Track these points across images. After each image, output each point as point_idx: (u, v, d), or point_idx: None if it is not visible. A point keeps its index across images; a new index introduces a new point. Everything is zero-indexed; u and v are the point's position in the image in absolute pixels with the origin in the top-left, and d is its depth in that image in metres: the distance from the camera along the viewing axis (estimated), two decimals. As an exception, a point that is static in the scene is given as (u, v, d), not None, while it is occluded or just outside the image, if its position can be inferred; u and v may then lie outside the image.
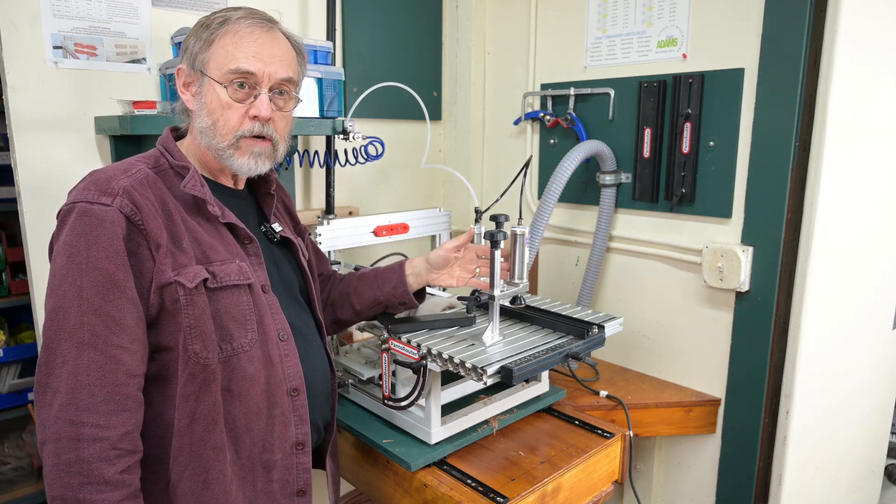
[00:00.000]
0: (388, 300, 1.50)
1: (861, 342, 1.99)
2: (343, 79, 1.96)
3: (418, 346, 1.41)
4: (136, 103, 1.63)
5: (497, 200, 1.50)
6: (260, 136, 1.18)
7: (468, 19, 2.48)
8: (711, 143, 1.85)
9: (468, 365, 1.31)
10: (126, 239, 1.04)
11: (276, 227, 1.34)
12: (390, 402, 1.51)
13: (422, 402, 1.45)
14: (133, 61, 1.82)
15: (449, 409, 1.53)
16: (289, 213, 1.46)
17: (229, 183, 1.27)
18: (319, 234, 1.78)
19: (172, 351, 1.09)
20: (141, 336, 1.05)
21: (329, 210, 2.20)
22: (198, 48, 1.16)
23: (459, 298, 1.67)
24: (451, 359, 1.34)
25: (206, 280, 1.10)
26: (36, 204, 1.71)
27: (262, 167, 1.21)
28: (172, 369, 1.09)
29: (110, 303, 1.02)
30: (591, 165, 2.16)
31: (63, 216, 1.07)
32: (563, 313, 1.61)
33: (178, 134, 1.27)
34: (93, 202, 1.05)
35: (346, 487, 2.30)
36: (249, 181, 1.33)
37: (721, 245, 1.83)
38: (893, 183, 1.91)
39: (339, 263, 1.89)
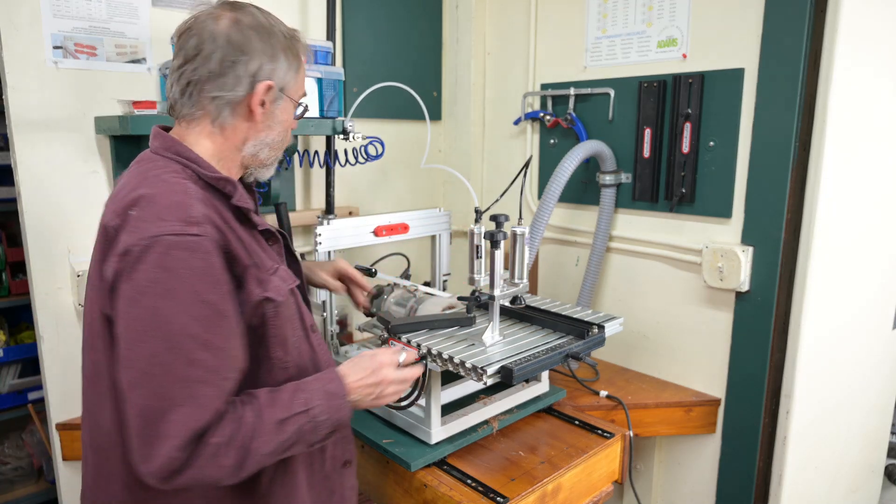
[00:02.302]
0: None
1: (861, 342, 1.99)
2: (343, 79, 1.96)
3: (418, 346, 1.41)
4: (136, 103, 1.63)
5: (497, 200, 1.50)
6: None
7: (468, 19, 2.48)
8: (711, 143, 1.85)
9: (468, 365, 1.31)
10: (222, 268, 1.02)
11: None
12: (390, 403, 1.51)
13: (422, 402, 1.45)
14: (133, 61, 1.82)
15: (449, 409, 1.53)
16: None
17: None
18: (319, 235, 1.78)
19: (250, 361, 1.10)
20: (243, 364, 1.06)
21: (329, 210, 2.20)
22: (285, 69, 1.16)
23: (459, 298, 1.67)
24: (451, 359, 1.34)
25: (287, 290, 1.14)
26: (36, 204, 1.71)
27: None
28: (251, 375, 1.10)
29: (219, 335, 1.00)
30: (591, 165, 2.16)
31: (139, 253, 0.97)
32: (563, 313, 1.61)
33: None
34: (180, 234, 0.97)
35: (346, 487, 2.30)
36: None
37: (721, 245, 1.83)
38: (893, 183, 1.91)
39: (339, 263, 1.88)
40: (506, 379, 1.31)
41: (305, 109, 1.24)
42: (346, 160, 2.12)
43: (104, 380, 1.07)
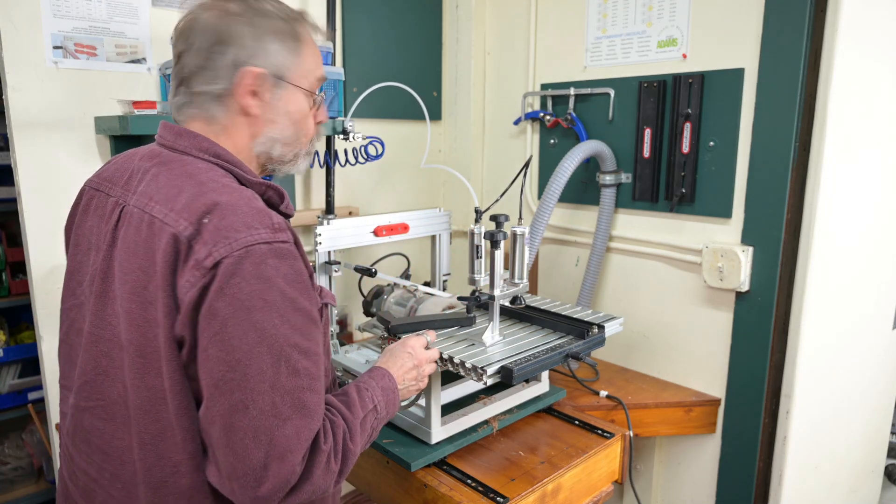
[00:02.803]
0: None
1: (861, 342, 1.99)
2: (343, 79, 1.97)
3: (418, 346, 1.41)
4: (136, 103, 1.63)
5: (497, 200, 1.50)
6: None
7: (468, 19, 2.48)
8: (711, 143, 1.85)
9: (468, 365, 1.31)
10: (307, 273, 1.00)
11: None
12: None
13: (422, 402, 1.45)
14: (133, 61, 1.82)
15: (449, 409, 1.53)
16: None
17: None
18: (319, 235, 1.78)
19: None
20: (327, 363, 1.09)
21: (329, 210, 2.20)
22: (279, 54, 1.05)
23: (459, 298, 1.67)
24: (451, 359, 1.34)
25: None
26: (36, 204, 1.71)
27: None
28: None
29: (313, 341, 0.97)
30: (591, 165, 2.16)
31: (233, 264, 0.89)
32: (563, 313, 1.61)
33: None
34: (272, 242, 0.92)
35: (346, 487, 2.30)
36: None
37: (721, 245, 1.83)
38: (894, 183, 1.91)
39: (339, 263, 1.89)
40: (506, 379, 1.31)
41: (323, 96, 1.14)
42: (346, 160, 2.12)
43: (167, 407, 0.95)
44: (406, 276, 2.01)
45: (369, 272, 1.85)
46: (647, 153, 2.00)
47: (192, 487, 0.97)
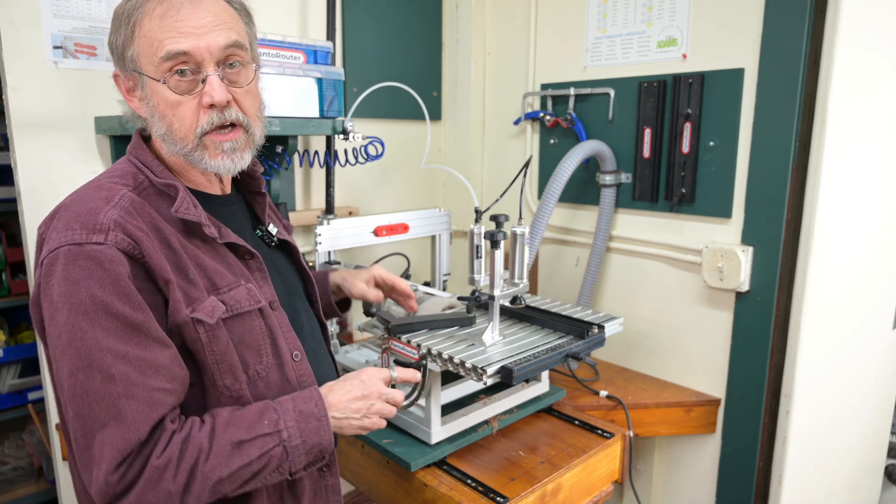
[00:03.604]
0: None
1: (861, 342, 1.99)
2: (343, 79, 1.96)
3: (418, 346, 1.41)
4: (136, 103, 1.63)
5: (497, 200, 1.50)
6: (224, 127, 1.02)
7: (468, 19, 2.48)
8: (711, 143, 1.85)
9: (468, 365, 1.31)
10: (132, 277, 0.92)
11: (272, 229, 1.24)
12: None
13: (422, 402, 1.45)
14: (133, 61, 1.82)
15: (449, 409, 1.53)
16: (274, 211, 1.33)
17: (215, 189, 1.14)
18: (319, 235, 1.78)
19: (193, 387, 1.00)
20: (179, 374, 0.95)
21: (329, 210, 2.20)
22: (121, 44, 0.99)
23: (459, 298, 1.67)
24: (451, 359, 1.34)
25: (221, 312, 1.00)
26: (36, 204, 1.71)
27: (241, 162, 1.06)
28: (196, 403, 1.00)
29: (137, 346, 0.90)
30: (591, 165, 2.16)
31: (48, 265, 0.90)
32: (563, 313, 1.61)
33: (146, 136, 1.11)
34: (82, 243, 0.90)
35: (346, 487, 2.30)
36: (235, 181, 1.20)
37: (721, 245, 1.83)
38: (894, 183, 1.91)
39: (339, 263, 1.89)
40: (506, 379, 1.31)
41: (182, 74, 0.97)
42: (346, 160, 2.12)
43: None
44: (406, 276, 2.01)
45: (369, 272, 1.85)
46: (647, 153, 2.00)
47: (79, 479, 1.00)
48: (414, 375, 1.25)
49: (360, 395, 1.09)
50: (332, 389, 1.09)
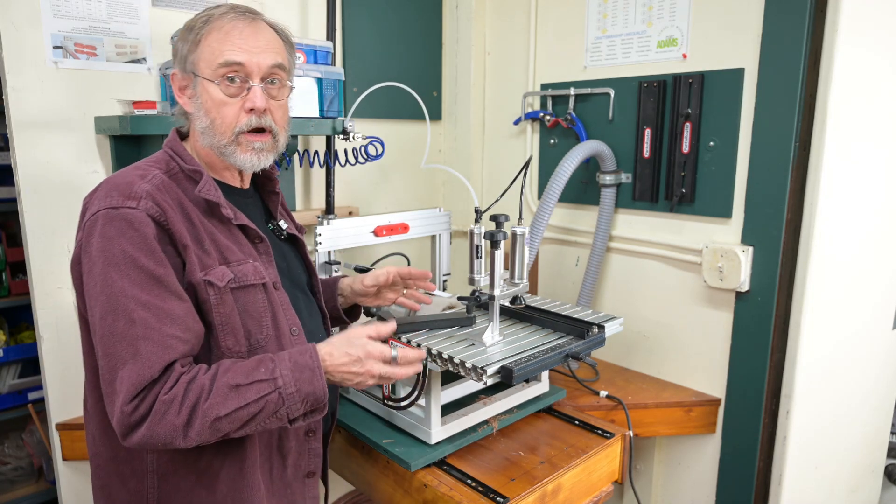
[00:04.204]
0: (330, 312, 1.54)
1: (861, 342, 1.99)
2: (343, 79, 1.96)
3: (418, 345, 1.41)
4: (136, 103, 1.63)
5: (497, 200, 1.50)
6: (258, 130, 1.20)
7: (468, 19, 2.48)
8: (711, 143, 1.85)
9: (468, 365, 1.31)
10: (157, 239, 1.07)
11: (283, 224, 1.38)
12: (390, 402, 1.51)
13: (422, 402, 1.45)
14: (133, 61, 1.82)
15: (449, 409, 1.53)
16: (286, 211, 1.49)
17: (236, 182, 1.29)
18: (319, 234, 1.78)
19: (201, 347, 1.13)
20: (193, 326, 1.08)
21: (329, 210, 2.20)
22: (186, 50, 1.18)
23: (459, 298, 1.67)
24: (451, 359, 1.34)
25: (230, 279, 1.14)
26: (36, 204, 1.71)
27: (266, 161, 1.23)
28: (203, 360, 1.13)
29: (157, 297, 1.04)
30: (591, 165, 2.16)
31: (90, 226, 1.07)
32: (563, 313, 1.61)
33: (182, 134, 1.27)
34: (119, 206, 1.06)
35: (346, 487, 2.30)
36: (254, 180, 1.36)
37: (721, 245, 1.83)
38: (894, 183, 1.91)
39: (339, 263, 1.89)
40: (506, 379, 1.31)
41: (232, 80, 1.16)
42: (346, 160, 2.12)
43: (82, 351, 1.18)
44: (406, 276, 2.01)
45: (368, 272, 1.85)
46: (647, 153, 2.00)
47: (89, 411, 1.20)
48: (418, 354, 1.25)
49: (355, 371, 1.18)
50: (330, 353, 1.17)
